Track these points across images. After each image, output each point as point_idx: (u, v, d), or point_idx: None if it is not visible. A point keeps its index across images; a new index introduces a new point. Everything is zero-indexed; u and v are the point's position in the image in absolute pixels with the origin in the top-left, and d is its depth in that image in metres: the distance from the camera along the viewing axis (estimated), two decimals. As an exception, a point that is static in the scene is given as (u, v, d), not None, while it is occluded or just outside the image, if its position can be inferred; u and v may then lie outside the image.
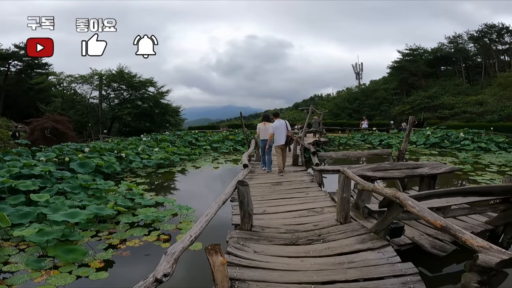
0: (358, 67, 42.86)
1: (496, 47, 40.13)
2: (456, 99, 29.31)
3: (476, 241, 2.05)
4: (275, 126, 6.89)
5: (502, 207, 3.82)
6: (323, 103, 45.75)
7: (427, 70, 40.53)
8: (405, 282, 2.49)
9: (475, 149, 13.91)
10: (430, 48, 41.66)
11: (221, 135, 18.50)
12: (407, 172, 5.08)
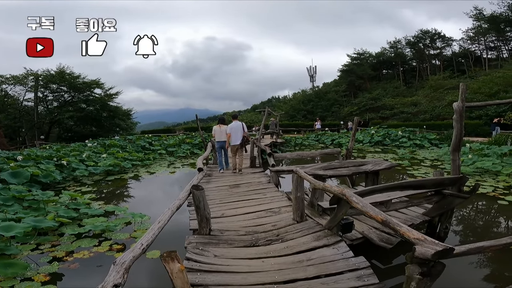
0: (312, 70, 45.12)
1: (429, 52, 45.34)
2: (395, 100, 32.44)
3: (412, 234, 2.13)
4: (232, 127, 7.25)
5: (435, 199, 4.21)
6: (280, 104, 47.06)
7: (371, 73, 44.32)
8: (360, 276, 2.60)
9: (412, 146, 15.65)
10: (375, 52, 45.49)
11: (177, 138, 17.90)
12: (353, 170, 5.49)
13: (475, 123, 20.09)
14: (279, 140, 17.71)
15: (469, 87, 25.90)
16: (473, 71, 36.02)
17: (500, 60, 37.53)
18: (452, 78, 34.45)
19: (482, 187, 7.13)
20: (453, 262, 3.71)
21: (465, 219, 5.89)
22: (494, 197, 6.48)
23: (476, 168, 8.92)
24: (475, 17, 40.16)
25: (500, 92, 21.73)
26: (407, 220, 4.21)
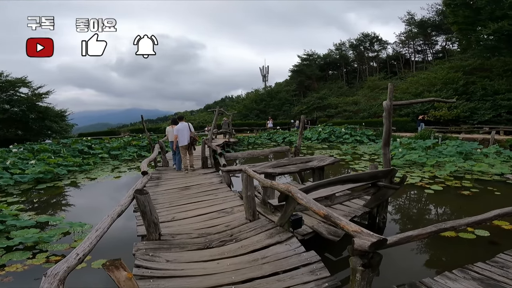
0: (265, 70, 46.10)
1: (368, 54, 49.72)
2: (339, 99, 34.96)
3: (350, 226, 2.19)
4: (178, 129, 7.47)
5: (372, 191, 4.57)
6: (233, 104, 47.07)
7: (319, 74, 47.07)
8: (313, 270, 2.67)
9: (353, 142, 17.09)
10: (322, 54, 48.42)
11: (122, 141, 16.64)
12: (301, 166, 5.73)
13: (404, 120, 22.79)
14: (232, 139, 17.70)
15: (399, 87, 29.17)
16: (402, 73, 40.61)
17: (425, 62, 42.90)
18: (386, 79, 38.29)
19: (411, 178, 8.09)
20: (396, 251, 3.93)
21: (401, 208, 6.55)
22: (421, 187, 7.35)
23: (406, 161, 10.09)
24: (407, 22, 45.22)
25: (424, 92, 24.83)
26: (350, 212, 4.48)
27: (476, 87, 22.41)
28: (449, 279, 2.61)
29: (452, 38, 31.39)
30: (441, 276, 2.67)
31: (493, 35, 20.50)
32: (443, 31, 38.16)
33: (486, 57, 24.90)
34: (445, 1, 24.20)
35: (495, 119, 19.64)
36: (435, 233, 2.54)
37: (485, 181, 7.63)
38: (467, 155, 10.14)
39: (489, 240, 4.20)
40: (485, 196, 6.58)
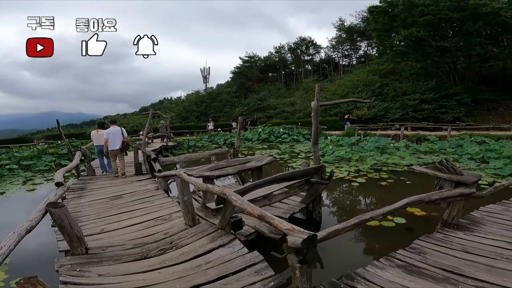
0: (206, 71, 45.23)
1: (304, 58, 52.95)
2: (277, 100, 36.47)
3: (283, 225, 2.24)
4: (109, 132, 7.23)
5: (306, 187, 4.82)
6: (172, 106, 45.05)
7: (259, 75, 48.32)
8: (258, 271, 2.67)
9: (291, 141, 18.04)
10: (263, 56, 49.73)
11: (35, 149, 14.29)
12: (239, 168, 5.76)
13: (333, 119, 25.07)
14: (171, 143, 16.88)
15: (329, 89, 31.96)
16: (332, 75, 44.50)
17: (350, 66, 47.77)
18: (319, 81, 41.34)
19: (340, 173, 8.89)
20: (336, 243, 4.17)
21: (336, 201, 7.11)
22: (349, 180, 8.14)
23: (335, 157, 11.06)
24: (338, 27, 49.55)
25: (349, 93, 27.63)
26: (289, 209, 4.66)
27: (389, 89, 25.85)
28: (378, 268, 2.80)
29: (372, 43, 35.47)
30: (371, 265, 2.85)
31: (404, 41, 23.69)
32: (366, 37, 42.67)
33: (397, 61, 29.00)
34: (370, 9, 26.96)
35: (403, 117, 22.96)
36: (358, 224, 2.71)
37: (398, 172, 8.84)
38: (383, 149, 11.65)
39: (406, 227, 4.75)
40: (399, 185, 7.58)
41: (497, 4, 19.74)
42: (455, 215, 3.69)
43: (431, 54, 23.42)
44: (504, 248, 3.08)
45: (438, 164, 3.75)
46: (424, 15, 21.52)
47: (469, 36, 21.20)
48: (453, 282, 2.51)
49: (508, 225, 3.73)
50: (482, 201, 4.65)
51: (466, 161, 9.72)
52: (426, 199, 3.27)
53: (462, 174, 3.57)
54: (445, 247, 3.19)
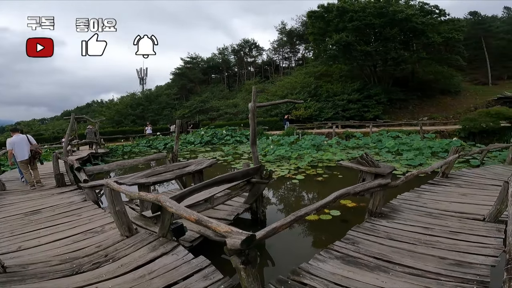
0: (143, 72, 42.27)
1: (247, 59, 53.84)
2: (220, 102, 36.37)
3: (221, 228, 2.23)
4: (13, 142, 6.61)
5: (248, 187, 4.85)
6: (102, 110, 40.93)
7: (202, 77, 47.36)
8: (206, 275, 2.64)
9: (234, 143, 18.08)
10: (206, 57, 48.98)
11: None
12: (178, 173, 5.49)
13: (274, 120, 26.08)
14: (101, 150, 15.27)
15: (270, 90, 33.14)
16: (274, 77, 46.25)
17: (289, 68, 50.29)
18: (261, 83, 42.62)
19: (281, 171, 9.23)
20: (285, 239, 4.33)
21: (280, 199, 7.32)
22: (290, 178, 8.50)
23: (276, 156, 11.47)
24: (280, 31, 51.63)
25: (288, 94, 29.06)
26: (233, 211, 4.61)
27: (322, 90, 28.03)
28: (320, 261, 2.94)
29: (309, 47, 37.98)
30: (313, 259, 2.96)
31: (335, 45, 25.91)
32: (304, 41, 45.49)
33: (330, 64, 31.69)
34: (308, 13, 28.65)
35: (335, 116, 25.17)
36: (295, 221, 2.77)
37: (331, 167, 9.59)
38: (319, 147, 12.55)
39: (341, 218, 5.13)
40: (333, 179, 8.23)
41: (411, 10, 23.19)
42: (378, 205, 4.12)
43: (357, 58, 26.25)
44: (421, 233, 3.50)
45: (360, 158, 4.15)
46: (353, 20, 23.99)
47: (386, 41, 24.44)
48: (384, 269, 2.74)
49: (421, 211, 4.29)
50: (399, 189, 5.33)
51: (384, 154, 11.11)
52: (352, 191, 3.56)
53: (379, 166, 4.01)
54: (373, 235, 3.50)
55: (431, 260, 2.85)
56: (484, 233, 3.39)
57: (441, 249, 3.07)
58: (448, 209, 4.31)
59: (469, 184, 5.72)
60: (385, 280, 2.57)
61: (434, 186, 5.68)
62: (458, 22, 26.14)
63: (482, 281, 2.45)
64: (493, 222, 3.66)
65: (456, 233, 3.44)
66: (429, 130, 16.42)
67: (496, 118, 14.71)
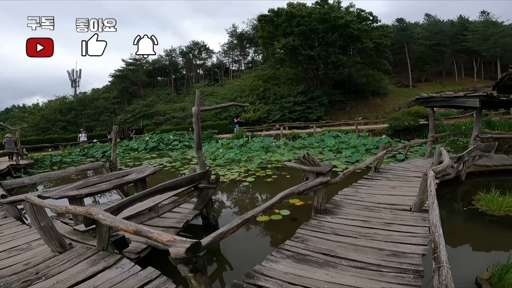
0: (76, 74, 37.81)
1: (196, 62, 52.42)
2: (167, 106, 34.72)
3: (163, 237, 2.18)
4: None
5: (196, 193, 4.71)
6: (25, 116, 35.58)
7: (146, 80, 44.55)
8: (157, 286, 2.53)
9: (182, 148, 17.41)
10: (152, 59, 46.00)
11: None
12: (116, 182, 5.06)
13: (223, 123, 25.95)
14: (24, 161, 13.26)
15: (219, 93, 32.89)
16: (223, 80, 45.98)
17: (239, 71, 50.57)
18: (210, 86, 42.07)
19: (232, 174, 9.17)
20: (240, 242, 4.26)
21: (232, 202, 7.21)
22: (240, 180, 8.47)
23: (226, 159, 11.37)
24: (231, 33, 51.43)
25: (237, 97, 29.25)
26: (182, 218, 4.45)
27: (270, 93, 28.96)
28: (272, 262, 2.96)
29: (258, 50, 38.75)
30: (266, 260, 2.97)
31: (282, 49, 27.02)
32: (254, 44, 46.26)
33: (277, 68, 32.87)
34: (259, 17, 29.20)
35: (282, 117, 26.21)
36: (242, 224, 2.77)
37: (280, 167, 9.87)
38: (267, 148, 12.85)
39: (291, 217, 5.26)
40: (282, 180, 8.45)
41: (350, 17, 25.34)
42: (321, 202, 4.37)
43: (301, 62, 27.81)
44: (361, 227, 3.77)
45: (302, 158, 4.34)
46: (300, 25, 25.29)
47: (328, 46, 26.36)
48: (333, 265, 2.87)
49: (359, 205, 4.65)
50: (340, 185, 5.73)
51: (327, 152, 11.91)
52: (296, 191, 3.70)
53: (320, 165, 4.26)
54: (320, 232, 3.67)
55: (371, 252, 3.07)
56: (412, 223, 3.79)
57: (379, 240, 3.34)
58: (381, 201, 4.78)
59: (397, 177, 6.46)
60: (334, 275, 2.69)
61: (368, 181, 6.27)
62: (387, 28, 29.64)
63: (417, 270, 2.66)
64: (419, 211, 4.14)
65: (389, 224, 3.79)
66: (363, 129, 18.18)
67: (416, 117, 17.00)
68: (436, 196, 3.01)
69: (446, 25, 43.04)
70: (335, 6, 27.19)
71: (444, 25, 43.14)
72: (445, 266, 1.87)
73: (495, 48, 34.60)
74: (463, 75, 40.96)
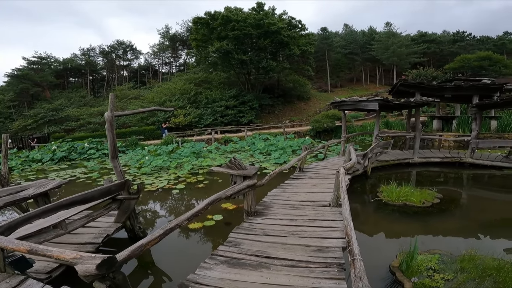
0: None
1: (120, 63, 47.55)
2: (81, 110, 30.56)
3: (66, 255, 2.04)
4: None
5: (116, 205, 4.26)
6: None
7: (54, 80, 38.22)
8: None
9: (101, 156, 15.49)
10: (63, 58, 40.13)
11: None
12: (8, 199, 4.19)
13: (150, 129, 24.20)
14: None
15: (146, 97, 30.62)
16: (151, 83, 43.01)
17: (170, 74, 48.05)
18: (135, 88, 38.84)
19: (160, 182, 8.57)
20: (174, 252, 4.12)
21: (160, 212, 6.65)
22: (170, 188, 7.96)
23: (154, 167, 10.60)
24: (163, 34, 48.10)
25: (167, 101, 27.77)
26: (101, 232, 4.06)
27: (202, 97, 28.43)
28: (206, 269, 2.86)
29: (191, 53, 37.46)
30: (199, 268, 2.86)
31: (216, 53, 26.70)
32: (187, 46, 44.53)
33: (210, 71, 32.42)
34: (194, 19, 28.19)
35: (214, 122, 26.01)
36: (165, 234, 2.64)
37: (212, 173, 9.72)
38: (199, 154, 12.53)
39: (224, 222, 5.17)
40: (214, 185, 8.30)
41: (281, 24, 26.63)
42: (251, 204, 4.43)
43: (234, 66, 28.11)
44: (289, 225, 3.93)
45: (229, 163, 4.35)
46: (235, 30, 25.41)
47: (260, 51, 27.29)
48: (266, 266, 2.90)
49: (287, 204, 4.88)
50: (270, 187, 5.94)
51: (257, 155, 12.31)
52: (223, 196, 3.66)
53: (246, 168, 4.33)
54: (252, 234, 3.69)
55: (299, 249, 3.21)
56: (332, 217, 4.13)
57: (305, 237, 3.53)
58: (305, 199, 5.13)
59: (318, 176, 7.08)
60: (268, 276, 2.72)
61: (294, 180, 6.70)
62: (312, 36, 32.27)
63: (339, 263, 2.85)
64: (336, 206, 4.56)
65: (313, 221, 4.06)
66: (290, 131, 19.49)
67: (333, 119, 19.09)
68: (346, 191, 3.33)
69: (359, 35, 49.52)
70: (270, 12, 28.42)
71: (357, 35, 49.54)
72: (358, 259, 1.98)
73: (393, 57, 41.36)
74: (368, 81, 47.97)
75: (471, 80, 14.52)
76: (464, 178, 8.21)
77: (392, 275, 3.17)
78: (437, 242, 4.14)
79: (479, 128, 9.09)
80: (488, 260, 3.14)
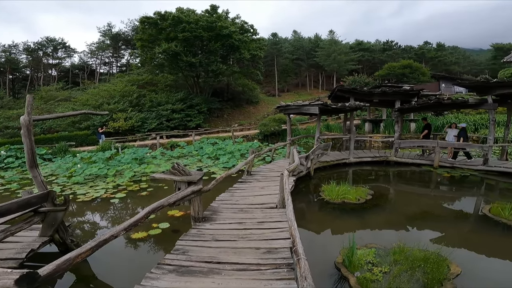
0: None
1: (48, 61, 41.73)
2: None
3: None
4: None
5: (39, 218, 3.83)
6: None
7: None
8: None
9: (21, 165, 13.35)
10: None
11: None
12: None
13: (84, 134, 21.71)
14: None
15: (79, 99, 27.52)
16: (86, 84, 38.82)
17: (109, 75, 44.03)
18: (66, 89, 34.69)
19: (96, 192, 7.74)
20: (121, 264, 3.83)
21: (98, 223, 5.95)
22: (108, 198, 7.24)
23: (87, 175, 9.54)
24: (104, 33, 43.50)
25: (104, 104, 25.35)
26: (24, 247, 3.73)
27: (146, 100, 26.80)
28: (153, 279, 2.70)
29: (135, 53, 34.89)
30: (145, 279, 2.71)
31: (163, 54, 25.41)
32: (131, 46, 41.30)
33: (156, 73, 30.65)
34: (142, 19, 26.37)
35: (159, 126, 24.68)
36: (98, 246, 2.50)
37: (156, 180, 9.16)
38: (141, 160, 11.71)
39: (171, 229, 4.91)
40: (159, 192, 7.82)
41: (234, 27, 26.47)
42: (198, 210, 4.29)
43: (182, 68, 27.16)
44: (238, 229, 3.90)
45: (172, 169, 4.17)
46: (185, 31, 24.46)
47: (210, 54, 26.81)
48: (217, 271, 2.81)
49: (235, 208, 4.86)
50: (218, 191, 5.83)
51: (205, 160, 12.07)
52: (165, 203, 3.49)
53: (190, 174, 4.20)
54: (200, 240, 3.57)
55: (250, 253, 3.20)
56: (279, 219, 4.23)
57: (255, 240, 3.54)
58: (253, 202, 5.18)
59: (265, 178, 7.24)
60: (220, 281, 2.66)
61: (242, 184, 6.73)
62: (263, 41, 32.99)
63: (288, 263, 2.89)
64: (283, 207, 4.68)
65: (262, 223, 4.11)
66: (238, 135, 19.61)
67: (279, 123, 19.85)
68: (291, 192, 3.45)
69: (305, 42, 52.51)
70: (223, 16, 28.20)
71: (304, 42, 52.49)
72: (303, 258, 2.04)
73: (334, 63, 44.92)
74: (312, 87, 51.25)
75: (394, 86, 16.70)
76: (391, 175, 9.30)
77: (338, 271, 3.32)
78: (373, 236, 4.54)
79: (400, 130, 10.45)
80: (415, 252, 3.42)
